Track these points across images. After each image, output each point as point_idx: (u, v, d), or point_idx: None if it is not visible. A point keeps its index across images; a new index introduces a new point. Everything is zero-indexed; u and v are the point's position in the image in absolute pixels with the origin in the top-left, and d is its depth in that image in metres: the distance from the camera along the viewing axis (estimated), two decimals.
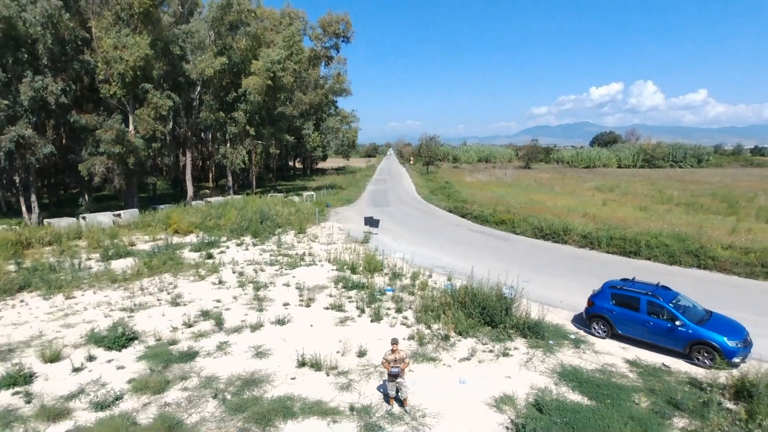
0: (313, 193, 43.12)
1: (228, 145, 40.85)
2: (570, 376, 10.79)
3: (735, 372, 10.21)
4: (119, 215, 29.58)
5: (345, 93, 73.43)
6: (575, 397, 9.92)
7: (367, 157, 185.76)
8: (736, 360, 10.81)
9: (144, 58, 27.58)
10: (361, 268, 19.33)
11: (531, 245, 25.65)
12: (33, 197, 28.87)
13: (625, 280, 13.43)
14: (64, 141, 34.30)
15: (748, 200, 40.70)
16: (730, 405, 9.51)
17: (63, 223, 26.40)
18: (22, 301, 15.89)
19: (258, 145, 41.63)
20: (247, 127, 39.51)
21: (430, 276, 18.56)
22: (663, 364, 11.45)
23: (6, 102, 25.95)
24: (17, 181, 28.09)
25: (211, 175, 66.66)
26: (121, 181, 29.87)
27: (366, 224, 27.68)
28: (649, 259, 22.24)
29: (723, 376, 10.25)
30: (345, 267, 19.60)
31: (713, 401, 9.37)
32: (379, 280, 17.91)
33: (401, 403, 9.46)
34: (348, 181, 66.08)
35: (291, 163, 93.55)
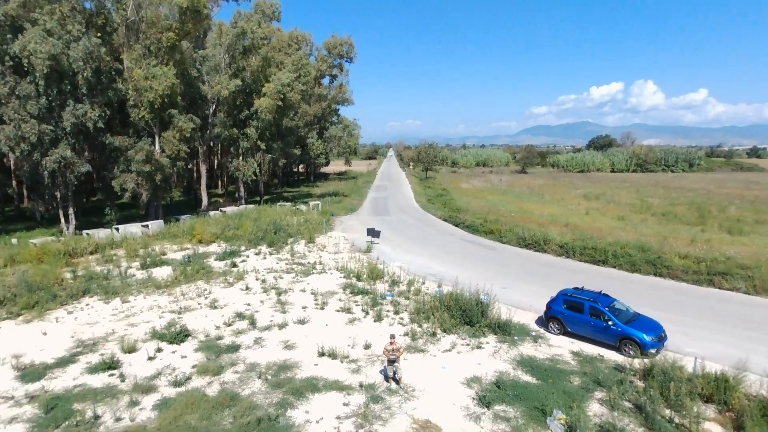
0: (318, 202, 46.50)
1: (240, 158, 44.26)
2: (526, 363, 14.19)
3: (646, 360, 13.59)
4: (147, 226, 33.00)
5: (347, 102, 76.92)
6: (527, 378, 13.31)
7: (367, 159, 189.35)
8: (652, 351, 14.17)
9: (171, 87, 31.02)
10: (365, 276, 22.69)
11: (514, 254, 29.01)
12: (70, 210, 32.30)
13: (576, 288, 16.83)
14: (87, 154, 37.66)
15: (720, 210, 44.02)
16: (639, 383, 12.90)
17: (101, 234, 29.83)
18: (87, 304, 19.29)
19: (268, 158, 44.99)
20: (259, 143, 42.96)
21: (423, 283, 21.93)
22: (599, 354, 14.86)
23: (50, 127, 29.38)
24: (58, 196, 31.48)
25: (220, 182, 70.23)
26: (148, 195, 33.31)
27: (368, 235, 31.08)
28: (615, 267, 25.54)
29: (638, 362, 13.65)
30: (351, 275, 22.99)
31: (626, 380, 12.79)
32: (381, 287, 21.31)
33: (397, 381, 12.85)
34: (350, 188, 69.45)
35: (295, 169, 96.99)
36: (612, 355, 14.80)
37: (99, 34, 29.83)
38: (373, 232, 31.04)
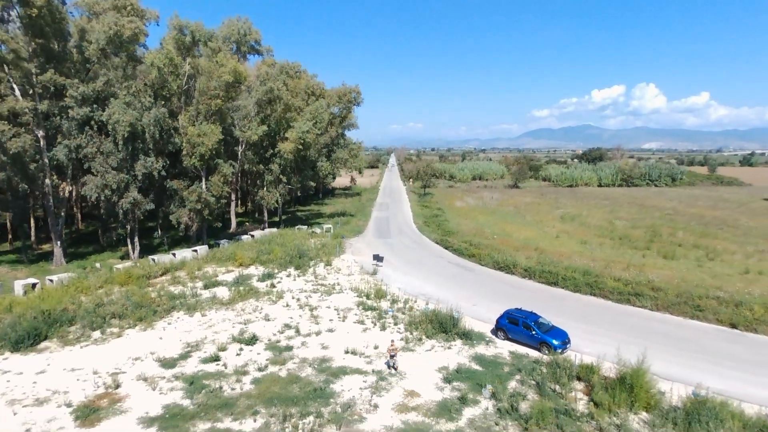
0: (330, 225, 54.57)
1: (265, 189, 52.47)
2: (477, 358, 22.15)
3: (552, 356, 21.51)
4: (196, 251, 41.11)
5: (352, 127, 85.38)
6: (476, 367, 21.26)
7: (369, 168, 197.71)
8: (559, 351, 22.09)
9: (218, 142, 39.19)
10: (372, 296, 30.65)
11: (488, 276, 36.93)
12: (136, 239, 40.50)
13: (516, 308, 24.79)
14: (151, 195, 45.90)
15: (671, 233, 51.79)
16: (544, 370, 20.83)
17: (164, 258, 37.96)
18: (177, 318, 27.29)
19: (287, 188, 53.14)
20: (281, 176, 51.14)
21: (415, 301, 29.88)
22: (526, 353, 22.81)
23: (125, 176, 37.64)
24: (128, 228, 39.72)
25: (240, 203, 78.48)
26: (198, 226, 41.52)
27: (374, 260, 39.06)
28: (563, 288, 33.41)
29: (546, 358, 21.60)
30: (362, 294, 30.94)
31: (536, 368, 20.75)
32: (384, 304, 29.26)
33: (395, 369, 20.81)
34: (356, 207, 77.60)
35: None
36: (534, 354, 22.77)
37: (163, 102, 38.09)
38: (377, 258, 39.02)
